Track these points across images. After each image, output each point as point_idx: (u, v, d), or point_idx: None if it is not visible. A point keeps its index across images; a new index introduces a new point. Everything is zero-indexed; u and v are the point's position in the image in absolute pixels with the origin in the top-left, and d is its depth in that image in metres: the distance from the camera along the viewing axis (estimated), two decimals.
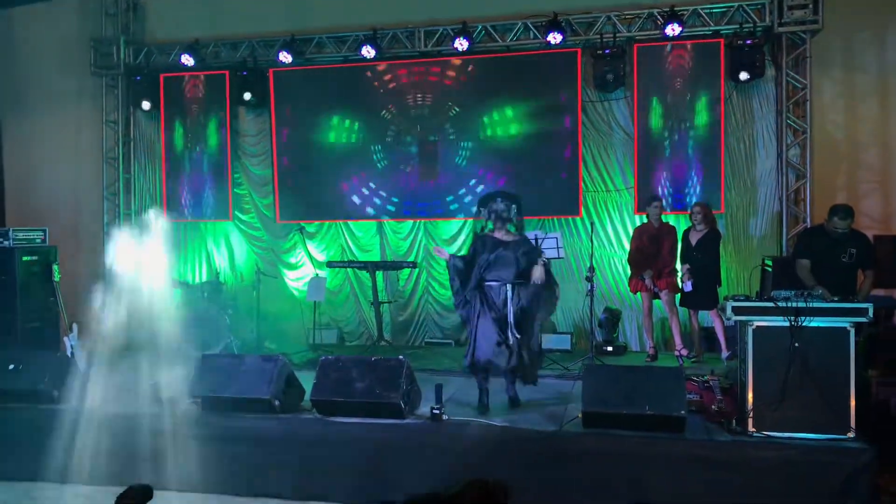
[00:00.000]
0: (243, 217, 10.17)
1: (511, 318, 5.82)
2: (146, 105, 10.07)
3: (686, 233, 7.86)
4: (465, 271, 6.01)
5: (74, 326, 7.96)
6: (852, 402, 4.93)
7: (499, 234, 6.01)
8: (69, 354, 7.56)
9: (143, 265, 6.23)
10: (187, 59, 9.63)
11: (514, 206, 6.06)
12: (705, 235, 7.67)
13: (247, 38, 9.78)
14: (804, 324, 4.95)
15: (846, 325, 4.97)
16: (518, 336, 5.82)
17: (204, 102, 10.12)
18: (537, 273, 5.80)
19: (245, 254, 10.16)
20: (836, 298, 5.17)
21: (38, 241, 8.67)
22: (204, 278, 9.90)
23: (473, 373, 6.04)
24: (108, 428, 5.89)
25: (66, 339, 7.79)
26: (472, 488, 1.45)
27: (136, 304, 6.05)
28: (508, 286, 5.86)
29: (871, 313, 5.00)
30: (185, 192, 10.20)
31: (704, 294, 7.57)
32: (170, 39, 10.13)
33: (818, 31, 8.20)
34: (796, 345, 4.95)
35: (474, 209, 6.75)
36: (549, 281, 6.02)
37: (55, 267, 8.42)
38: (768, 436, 5.01)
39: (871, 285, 6.11)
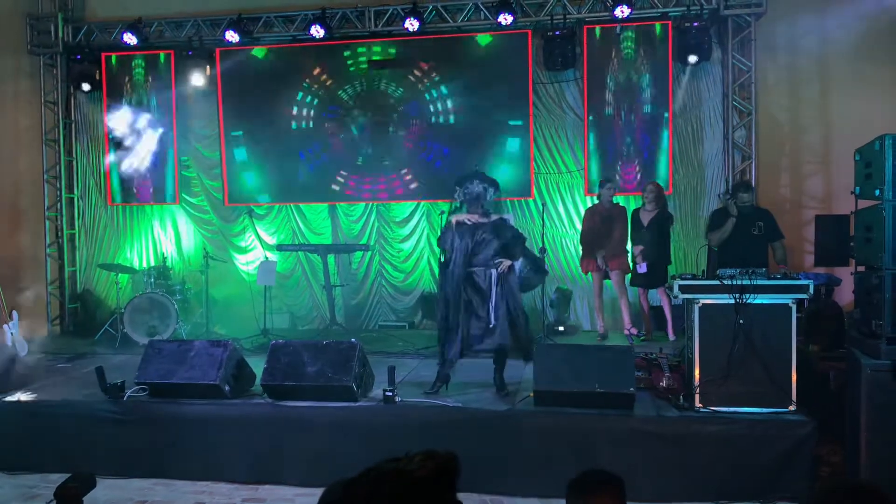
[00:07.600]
0: (192, 200, 9.94)
1: (494, 301, 5.71)
2: (86, 86, 9.73)
3: (636, 213, 7.94)
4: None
5: (14, 314, 7.72)
6: (794, 377, 5.08)
7: (473, 218, 5.86)
8: (9, 343, 7.35)
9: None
10: (130, 38, 9.31)
11: (491, 188, 5.98)
12: (657, 216, 7.77)
13: (192, 17, 9.53)
14: (748, 301, 5.07)
15: (788, 301, 5.10)
16: (502, 318, 5.74)
17: (148, 83, 9.82)
18: (506, 265, 5.76)
19: (193, 237, 9.93)
20: (779, 276, 5.32)
21: None
22: (151, 263, 9.67)
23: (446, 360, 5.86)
24: (52, 416, 5.76)
25: (5, 326, 7.56)
26: (429, 460, 1.43)
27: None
28: (493, 271, 5.75)
29: (811, 290, 5.16)
30: (129, 175, 9.90)
31: (655, 273, 7.69)
32: (111, 17, 9.81)
33: (762, 15, 8.35)
34: (741, 321, 5.07)
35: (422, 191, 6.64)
36: (537, 266, 6.26)
37: None
38: (714, 411, 5.14)
39: (783, 248, 6.80)
